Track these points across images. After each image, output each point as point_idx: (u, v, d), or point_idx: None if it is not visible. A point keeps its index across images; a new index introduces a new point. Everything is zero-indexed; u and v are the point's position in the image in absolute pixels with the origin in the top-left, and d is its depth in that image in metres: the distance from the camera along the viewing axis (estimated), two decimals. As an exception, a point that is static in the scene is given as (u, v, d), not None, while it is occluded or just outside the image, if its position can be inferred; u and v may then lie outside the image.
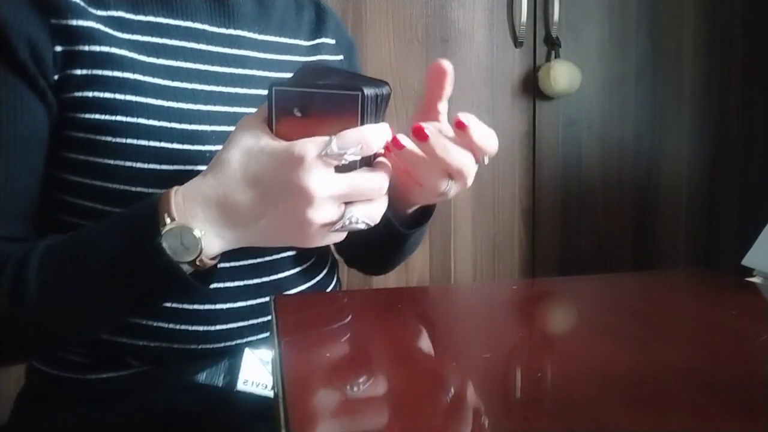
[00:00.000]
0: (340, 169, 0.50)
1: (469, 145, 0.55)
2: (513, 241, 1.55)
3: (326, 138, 0.48)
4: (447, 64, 0.58)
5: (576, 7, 1.51)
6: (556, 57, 1.48)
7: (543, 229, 1.56)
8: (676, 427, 0.34)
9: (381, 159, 0.54)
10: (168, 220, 0.50)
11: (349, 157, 0.49)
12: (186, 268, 0.52)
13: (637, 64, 1.56)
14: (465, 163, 0.55)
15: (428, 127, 0.54)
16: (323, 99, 0.47)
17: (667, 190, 1.61)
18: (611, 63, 1.55)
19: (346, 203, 0.51)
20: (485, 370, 0.42)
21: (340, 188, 0.49)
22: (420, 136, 0.53)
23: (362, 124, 0.49)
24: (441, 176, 0.56)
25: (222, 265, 0.58)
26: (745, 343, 0.48)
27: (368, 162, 0.53)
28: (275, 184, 0.49)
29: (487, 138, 0.55)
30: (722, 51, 1.60)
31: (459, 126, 0.54)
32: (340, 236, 0.54)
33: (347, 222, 0.51)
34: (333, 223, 0.51)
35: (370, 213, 0.52)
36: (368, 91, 0.47)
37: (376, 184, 0.51)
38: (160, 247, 0.50)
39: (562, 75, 1.44)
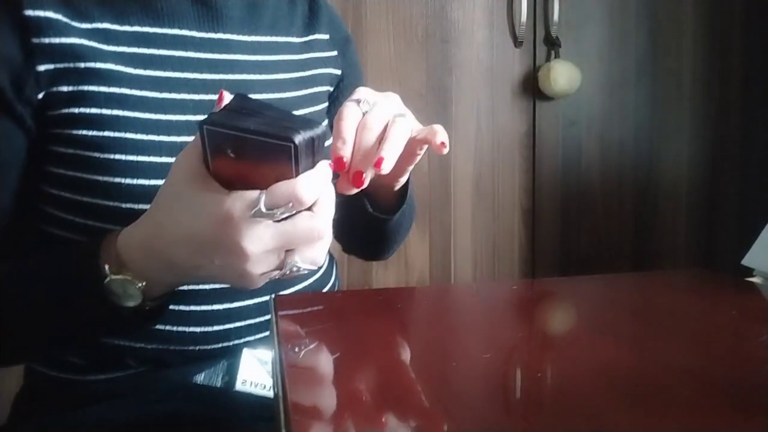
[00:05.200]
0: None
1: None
2: (513, 241, 1.55)
3: (255, 194, 0.46)
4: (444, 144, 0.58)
5: (576, 7, 1.51)
6: (556, 57, 1.48)
7: (543, 229, 1.56)
8: (676, 427, 0.34)
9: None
10: (109, 271, 0.51)
11: (280, 217, 0.47)
12: (132, 305, 0.53)
13: (637, 64, 1.56)
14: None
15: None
16: (255, 145, 0.44)
17: (667, 190, 1.61)
18: (611, 63, 1.55)
19: (287, 250, 0.49)
20: (485, 370, 0.42)
21: (277, 241, 0.47)
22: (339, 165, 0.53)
23: (297, 171, 0.46)
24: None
25: None
26: (745, 343, 0.48)
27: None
28: (208, 241, 0.47)
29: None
30: (722, 51, 1.60)
31: None
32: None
33: (288, 272, 0.50)
34: (274, 271, 0.50)
35: (312, 258, 0.50)
36: (301, 138, 0.44)
37: (315, 230, 0.48)
38: (104, 296, 0.51)
39: (562, 75, 1.44)
